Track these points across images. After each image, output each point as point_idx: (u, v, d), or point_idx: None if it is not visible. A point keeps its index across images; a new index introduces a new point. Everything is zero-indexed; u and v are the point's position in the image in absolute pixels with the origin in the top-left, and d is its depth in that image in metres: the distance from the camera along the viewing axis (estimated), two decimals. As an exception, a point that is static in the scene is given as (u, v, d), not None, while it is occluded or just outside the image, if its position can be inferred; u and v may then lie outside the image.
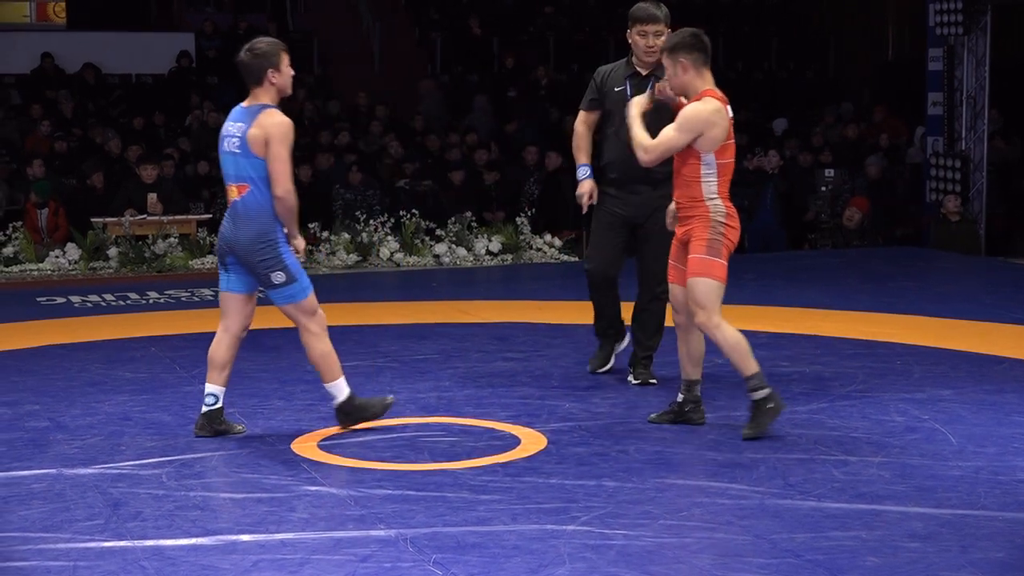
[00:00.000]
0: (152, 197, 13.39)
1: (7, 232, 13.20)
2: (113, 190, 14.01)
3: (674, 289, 6.55)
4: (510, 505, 5.36)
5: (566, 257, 13.77)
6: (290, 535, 5.04)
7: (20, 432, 6.64)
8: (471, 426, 6.68)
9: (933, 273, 12.34)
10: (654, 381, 7.46)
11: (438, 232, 13.68)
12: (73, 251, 13.08)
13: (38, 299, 11.14)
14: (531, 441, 6.34)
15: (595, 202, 7.40)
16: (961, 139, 15.22)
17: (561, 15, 20.61)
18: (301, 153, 15.65)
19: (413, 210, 13.75)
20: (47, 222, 13.68)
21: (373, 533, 5.05)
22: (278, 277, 6.23)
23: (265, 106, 6.21)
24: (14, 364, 8.34)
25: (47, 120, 16.40)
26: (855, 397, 7.14)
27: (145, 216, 13.33)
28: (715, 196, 6.29)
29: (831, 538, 4.97)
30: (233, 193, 6.26)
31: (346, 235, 13.48)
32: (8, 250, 13.05)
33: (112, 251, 13.02)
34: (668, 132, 6.30)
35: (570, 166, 8.38)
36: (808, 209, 15.56)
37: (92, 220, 13.33)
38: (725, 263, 6.30)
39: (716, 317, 6.26)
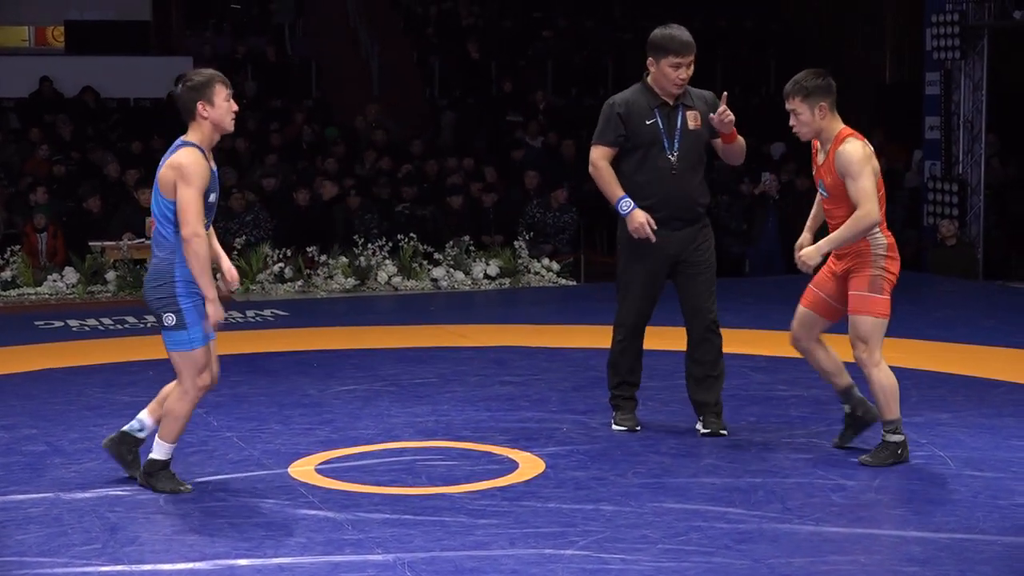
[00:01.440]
0: (150, 221, 13.31)
1: (5, 256, 13.21)
2: (111, 214, 14.03)
3: (801, 311, 6.59)
4: (508, 529, 5.35)
5: (564, 281, 13.78)
6: (287, 560, 5.03)
7: (17, 456, 6.63)
8: (469, 450, 6.67)
9: (931, 297, 12.34)
10: (724, 432, 6.90)
11: (436, 256, 13.69)
12: (71, 275, 13.08)
13: (36, 323, 11.13)
14: (529, 465, 6.33)
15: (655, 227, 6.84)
16: (959, 163, 15.24)
17: (560, 39, 20.64)
18: (299, 177, 15.72)
19: (411, 234, 13.76)
20: (46, 246, 13.69)
21: (371, 558, 5.04)
22: (168, 319, 5.85)
23: (184, 144, 5.78)
24: (12, 388, 8.33)
25: (46, 144, 16.41)
26: (853, 421, 7.13)
27: (143, 240, 13.31)
28: (876, 228, 6.27)
29: (829, 562, 4.96)
30: (152, 228, 6.02)
31: (344, 259, 13.48)
32: (6, 274, 13.05)
33: (110, 275, 13.02)
34: (861, 185, 6.13)
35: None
36: (806, 233, 15.53)
37: (90, 244, 13.34)
38: (887, 298, 6.30)
39: (877, 354, 6.26)
